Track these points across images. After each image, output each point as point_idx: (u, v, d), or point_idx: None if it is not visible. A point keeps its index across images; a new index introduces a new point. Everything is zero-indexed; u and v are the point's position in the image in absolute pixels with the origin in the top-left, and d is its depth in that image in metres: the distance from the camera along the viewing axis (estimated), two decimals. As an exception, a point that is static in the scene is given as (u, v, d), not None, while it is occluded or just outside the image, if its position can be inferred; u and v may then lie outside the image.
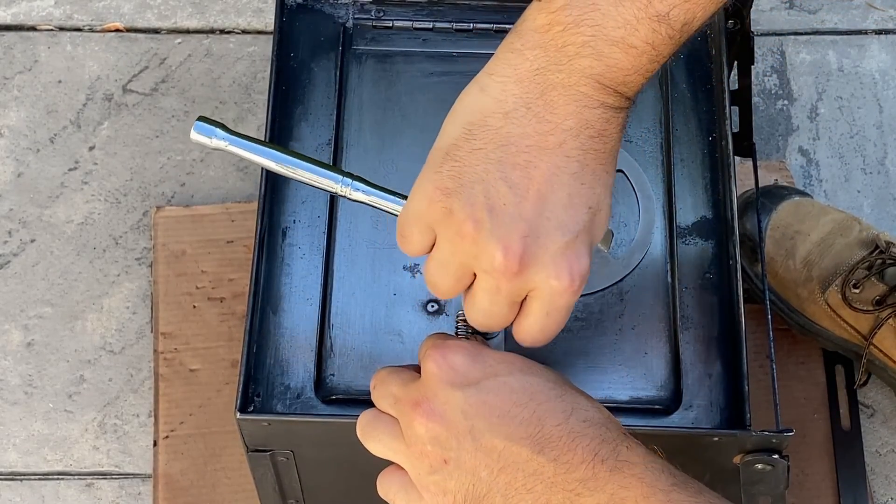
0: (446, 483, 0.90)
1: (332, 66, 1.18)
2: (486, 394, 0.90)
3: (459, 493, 0.89)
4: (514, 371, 0.91)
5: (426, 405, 0.91)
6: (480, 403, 0.89)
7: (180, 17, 1.59)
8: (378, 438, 0.94)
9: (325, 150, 1.14)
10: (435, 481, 0.90)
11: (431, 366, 0.92)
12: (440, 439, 0.90)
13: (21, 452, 1.35)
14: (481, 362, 0.92)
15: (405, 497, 0.93)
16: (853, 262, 1.30)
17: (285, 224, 1.11)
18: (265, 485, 1.09)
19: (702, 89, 1.17)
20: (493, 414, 0.89)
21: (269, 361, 1.06)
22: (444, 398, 0.90)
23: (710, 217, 1.12)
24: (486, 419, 0.89)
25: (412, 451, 0.91)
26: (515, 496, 0.88)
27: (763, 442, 0.99)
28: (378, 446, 0.94)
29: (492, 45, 1.18)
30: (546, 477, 0.87)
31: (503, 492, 0.88)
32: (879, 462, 1.35)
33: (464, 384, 0.90)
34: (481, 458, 0.88)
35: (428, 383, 0.92)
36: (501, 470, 0.88)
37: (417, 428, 0.90)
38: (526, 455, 0.88)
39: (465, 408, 0.89)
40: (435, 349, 0.92)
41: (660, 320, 1.08)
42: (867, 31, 1.60)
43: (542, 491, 0.87)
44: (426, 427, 0.90)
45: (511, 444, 0.88)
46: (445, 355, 0.92)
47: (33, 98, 1.53)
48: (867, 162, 1.51)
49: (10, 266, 1.44)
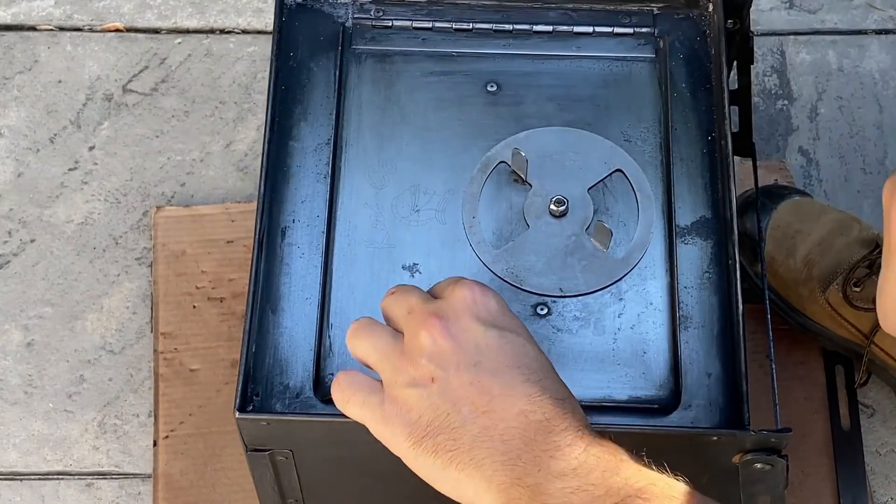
0: (419, 401, 0.88)
1: (331, 66, 1.18)
2: (506, 342, 0.90)
3: (426, 416, 0.88)
4: (532, 342, 0.92)
5: (445, 321, 0.90)
6: (497, 347, 0.89)
7: (180, 17, 1.59)
8: (370, 337, 0.93)
9: (324, 150, 1.14)
10: (408, 395, 0.89)
11: (465, 293, 0.91)
12: (441, 357, 0.89)
13: (21, 452, 1.35)
14: (510, 317, 0.92)
15: (363, 398, 0.91)
16: (854, 261, 1.30)
17: (284, 224, 1.11)
18: (264, 484, 1.09)
19: (701, 89, 1.17)
20: (504, 362, 0.89)
21: (269, 361, 1.06)
22: (466, 325, 0.90)
23: (710, 217, 1.12)
24: (495, 362, 0.89)
25: (403, 357, 0.90)
26: (487, 441, 0.87)
27: (762, 441, 0.99)
28: (366, 343, 0.92)
29: (491, 44, 1.19)
30: (527, 434, 0.86)
31: (475, 433, 0.87)
32: (879, 462, 1.35)
33: (490, 323, 0.90)
34: (472, 392, 0.88)
35: (455, 306, 0.91)
36: (485, 413, 0.87)
37: (424, 338, 0.90)
38: (517, 408, 0.87)
39: (481, 343, 0.89)
40: (472, 283, 0.92)
41: (659, 320, 1.08)
42: (867, 31, 1.60)
43: (518, 445, 0.86)
44: (434, 340, 0.89)
45: (507, 394, 0.87)
46: (484, 292, 0.92)
47: (33, 98, 1.53)
48: (867, 162, 1.51)
49: (10, 266, 1.44)
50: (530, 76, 1.18)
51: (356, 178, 1.13)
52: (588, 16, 1.21)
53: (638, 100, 1.17)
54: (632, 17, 1.21)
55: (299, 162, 1.13)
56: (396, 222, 1.11)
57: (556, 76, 1.18)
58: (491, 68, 1.18)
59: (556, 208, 1.11)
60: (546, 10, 1.21)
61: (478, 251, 1.10)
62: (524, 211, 1.11)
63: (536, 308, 1.08)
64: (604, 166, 1.13)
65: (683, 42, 1.19)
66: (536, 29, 1.20)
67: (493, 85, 1.17)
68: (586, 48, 1.19)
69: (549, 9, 1.21)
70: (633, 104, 1.17)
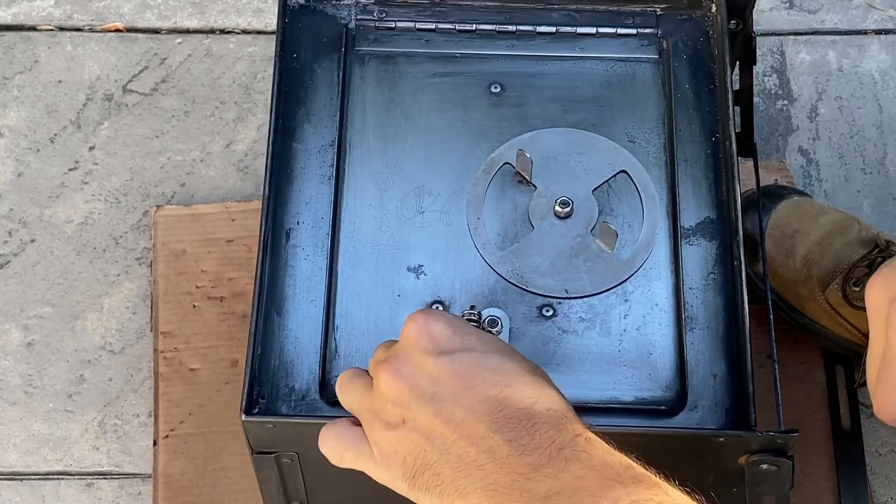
0: (399, 443, 0.89)
1: (334, 68, 1.18)
2: (458, 364, 0.89)
3: (409, 455, 0.89)
4: (490, 350, 0.91)
5: (395, 364, 0.91)
6: (450, 373, 0.89)
7: (180, 17, 1.59)
8: (351, 390, 0.94)
9: (328, 152, 1.14)
10: (388, 438, 0.90)
11: (411, 328, 0.92)
12: (402, 399, 0.90)
13: (21, 452, 1.35)
14: (461, 335, 0.92)
15: (355, 450, 0.93)
16: (853, 261, 1.30)
17: (289, 225, 1.11)
18: (270, 487, 1.09)
19: (705, 90, 1.17)
20: (459, 385, 0.89)
21: (274, 363, 1.06)
22: (416, 361, 0.90)
23: (714, 217, 1.12)
24: (452, 389, 0.89)
25: (374, 405, 0.91)
26: (465, 470, 0.86)
27: (768, 442, 0.99)
28: (347, 397, 0.94)
29: (494, 45, 1.19)
30: (499, 457, 0.86)
31: (453, 464, 0.87)
32: (879, 462, 1.36)
33: (438, 352, 0.90)
34: (438, 425, 0.88)
35: (403, 345, 0.92)
36: (455, 442, 0.87)
37: (383, 385, 0.91)
38: (483, 431, 0.87)
39: (434, 374, 0.89)
40: (419, 313, 0.92)
41: (664, 321, 1.08)
42: (867, 31, 1.60)
43: (493, 469, 0.85)
44: (390, 385, 0.90)
45: (470, 418, 0.87)
46: (427, 321, 0.91)
47: (33, 98, 1.53)
48: (867, 162, 1.51)
49: (10, 266, 1.44)
50: (534, 77, 1.18)
51: (360, 179, 1.13)
52: (591, 17, 1.21)
53: (641, 101, 1.17)
54: (635, 18, 1.21)
55: (303, 164, 1.13)
56: (401, 224, 1.11)
57: (559, 77, 1.18)
58: (494, 69, 1.18)
59: (560, 209, 1.11)
60: (549, 10, 1.21)
61: (483, 252, 1.10)
62: (529, 212, 1.11)
63: (542, 309, 1.08)
64: (608, 167, 1.13)
65: (687, 43, 1.19)
66: (540, 30, 1.20)
67: (496, 86, 1.17)
68: (590, 49, 1.19)
69: (552, 10, 1.21)
70: (637, 105, 1.17)
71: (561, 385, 1.05)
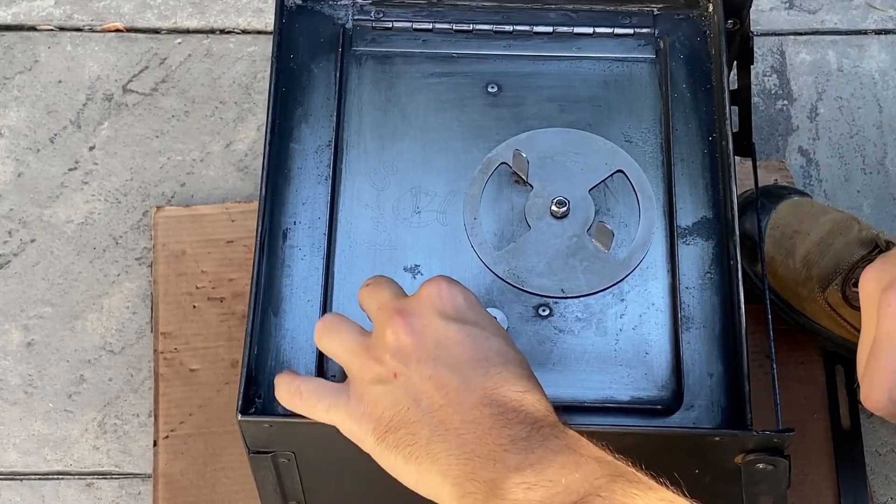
0: (384, 397, 0.90)
1: (331, 68, 1.18)
2: (466, 335, 0.91)
3: (388, 411, 0.89)
4: (498, 335, 0.92)
5: (409, 318, 0.91)
6: (458, 341, 0.90)
7: (180, 17, 1.59)
8: (338, 335, 0.94)
9: (325, 152, 1.14)
10: (373, 390, 0.91)
11: (432, 289, 0.93)
12: (404, 352, 0.90)
13: (21, 452, 1.35)
14: (476, 312, 0.93)
15: (331, 400, 0.93)
16: (853, 261, 1.30)
17: (286, 225, 1.11)
18: (267, 486, 1.09)
19: (702, 89, 1.17)
20: (463, 354, 0.90)
21: (271, 363, 1.06)
22: (429, 320, 0.91)
23: (711, 217, 1.12)
24: (454, 357, 0.90)
25: (369, 354, 0.92)
26: (444, 435, 0.87)
27: (765, 442, 0.99)
28: (334, 342, 0.94)
29: (491, 45, 1.19)
30: (482, 428, 0.87)
31: (433, 426, 0.88)
32: (879, 462, 1.35)
33: (452, 317, 0.91)
34: (430, 386, 0.89)
35: (421, 302, 0.92)
36: (442, 407, 0.88)
37: (388, 335, 0.91)
38: (472, 402, 0.88)
39: (442, 338, 0.90)
40: (442, 279, 0.93)
41: (661, 321, 1.08)
42: (867, 31, 1.60)
43: (472, 439, 0.87)
44: (397, 336, 0.91)
45: (463, 388, 0.88)
46: (451, 287, 0.93)
47: (33, 98, 1.53)
48: (867, 162, 1.51)
49: (10, 266, 1.44)
50: (531, 77, 1.18)
51: (357, 179, 1.13)
52: (588, 17, 1.21)
53: (638, 100, 1.17)
54: (632, 18, 1.21)
55: (300, 164, 1.13)
56: (398, 224, 1.12)
57: (556, 77, 1.18)
58: (491, 69, 1.18)
59: (557, 209, 1.11)
60: (546, 10, 1.21)
61: (479, 252, 1.10)
62: (525, 212, 1.11)
63: (538, 309, 1.08)
64: (605, 167, 1.13)
65: (684, 42, 1.19)
66: (537, 30, 1.20)
67: (493, 86, 1.17)
68: (587, 49, 1.19)
69: (549, 10, 1.21)
70: (634, 105, 1.17)
71: (557, 384, 1.06)
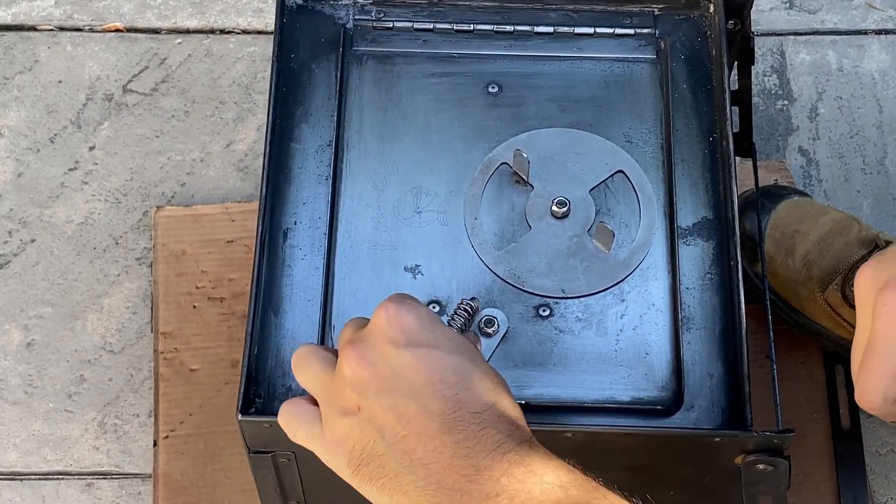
0: (351, 430, 0.89)
1: (332, 68, 1.18)
2: (420, 360, 0.89)
3: (358, 444, 0.89)
4: (455, 351, 0.91)
5: (361, 349, 0.90)
6: (411, 367, 0.89)
7: (180, 17, 1.59)
8: (309, 368, 0.93)
9: (325, 152, 1.14)
10: (341, 423, 0.90)
11: (381, 316, 0.91)
12: (361, 385, 0.89)
13: (21, 452, 1.35)
14: (429, 331, 0.91)
15: (307, 430, 0.93)
16: (853, 261, 1.30)
17: (286, 225, 1.11)
18: (267, 486, 1.09)
19: (702, 90, 1.17)
20: (418, 381, 0.88)
21: (271, 363, 1.06)
22: (381, 350, 0.90)
23: (711, 217, 1.12)
24: (410, 384, 0.89)
25: (334, 387, 0.91)
26: (409, 467, 0.87)
27: (764, 442, 0.99)
28: (305, 376, 0.94)
29: (492, 45, 1.19)
30: (445, 457, 0.86)
31: (398, 459, 0.87)
32: (879, 462, 1.35)
33: (403, 344, 0.90)
34: (391, 418, 0.88)
35: (372, 332, 0.91)
36: (405, 438, 0.87)
37: (345, 368, 0.90)
38: (433, 430, 0.87)
39: (396, 366, 0.89)
40: (392, 302, 0.91)
41: (661, 321, 1.08)
42: (867, 31, 1.60)
43: (437, 470, 0.86)
44: (352, 370, 0.90)
45: (423, 416, 0.87)
46: (399, 312, 0.91)
47: (33, 98, 1.53)
48: (867, 162, 1.51)
49: (10, 266, 1.44)
50: (531, 77, 1.18)
51: (358, 179, 1.13)
52: (589, 17, 1.21)
53: (639, 101, 1.17)
54: (633, 18, 1.21)
55: (301, 164, 1.13)
56: (398, 224, 1.12)
57: (557, 77, 1.18)
58: (492, 69, 1.18)
59: (557, 209, 1.11)
60: (547, 11, 1.21)
61: (479, 252, 1.10)
62: (526, 212, 1.11)
63: (538, 309, 1.08)
64: (605, 167, 1.13)
65: (684, 43, 1.19)
66: (537, 30, 1.20)
67: (494, 86, 1.17)
68: (587, 49, 1.19)
69: (550, 10, 1.21)
70: (635, 105, 1.17)
71: (557, 385, 1.06)
